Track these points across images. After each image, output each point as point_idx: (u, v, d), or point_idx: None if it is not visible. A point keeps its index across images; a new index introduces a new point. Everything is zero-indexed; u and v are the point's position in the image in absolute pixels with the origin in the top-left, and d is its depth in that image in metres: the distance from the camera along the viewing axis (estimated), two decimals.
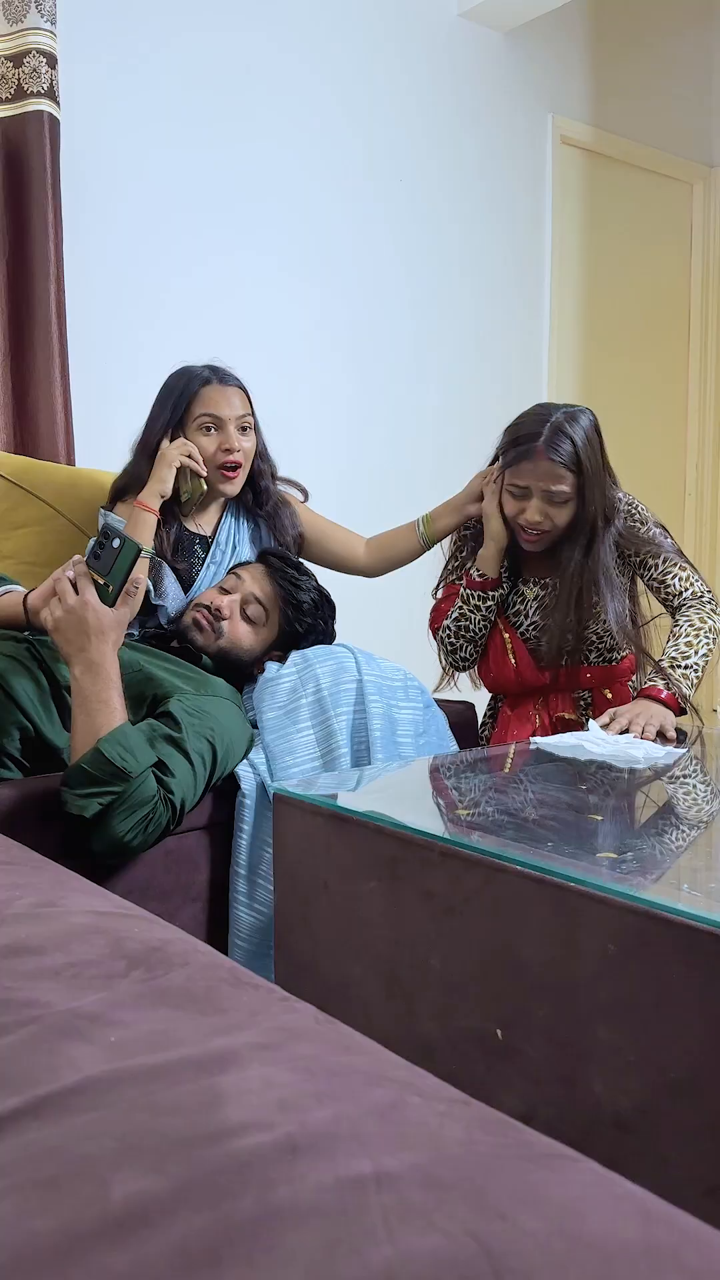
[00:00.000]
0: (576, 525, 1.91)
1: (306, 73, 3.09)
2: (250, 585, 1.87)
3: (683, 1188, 0.95)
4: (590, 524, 1.90)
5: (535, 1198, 0.47)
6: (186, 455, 1.91)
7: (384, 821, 1.27)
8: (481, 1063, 1.13)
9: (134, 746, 1.42)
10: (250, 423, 2.00)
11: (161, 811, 1.43)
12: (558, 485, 1.86)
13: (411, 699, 1.86)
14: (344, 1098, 0.55)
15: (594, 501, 1.88)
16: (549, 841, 1.20)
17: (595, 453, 1.88)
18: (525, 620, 2.05)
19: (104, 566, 1.43)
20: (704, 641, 1.87)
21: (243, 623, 1.85)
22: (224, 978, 0.72)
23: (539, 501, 1.89)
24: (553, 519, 1.90)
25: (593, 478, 1.87)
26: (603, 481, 1.90)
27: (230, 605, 1.85)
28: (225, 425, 1.95)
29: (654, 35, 4.07)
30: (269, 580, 1.89)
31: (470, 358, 3.56)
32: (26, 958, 0.74)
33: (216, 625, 1.83)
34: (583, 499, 1.88)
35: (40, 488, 2.14)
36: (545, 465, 1.85)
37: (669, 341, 4.25)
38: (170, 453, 1.91)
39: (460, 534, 2.15)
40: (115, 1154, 0.49)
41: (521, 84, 3.64)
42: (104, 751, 1.39)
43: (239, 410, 1.97)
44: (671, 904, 0.98)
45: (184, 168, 2.86)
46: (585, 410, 1.92)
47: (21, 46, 2.41)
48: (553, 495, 1.87)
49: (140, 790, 1.40)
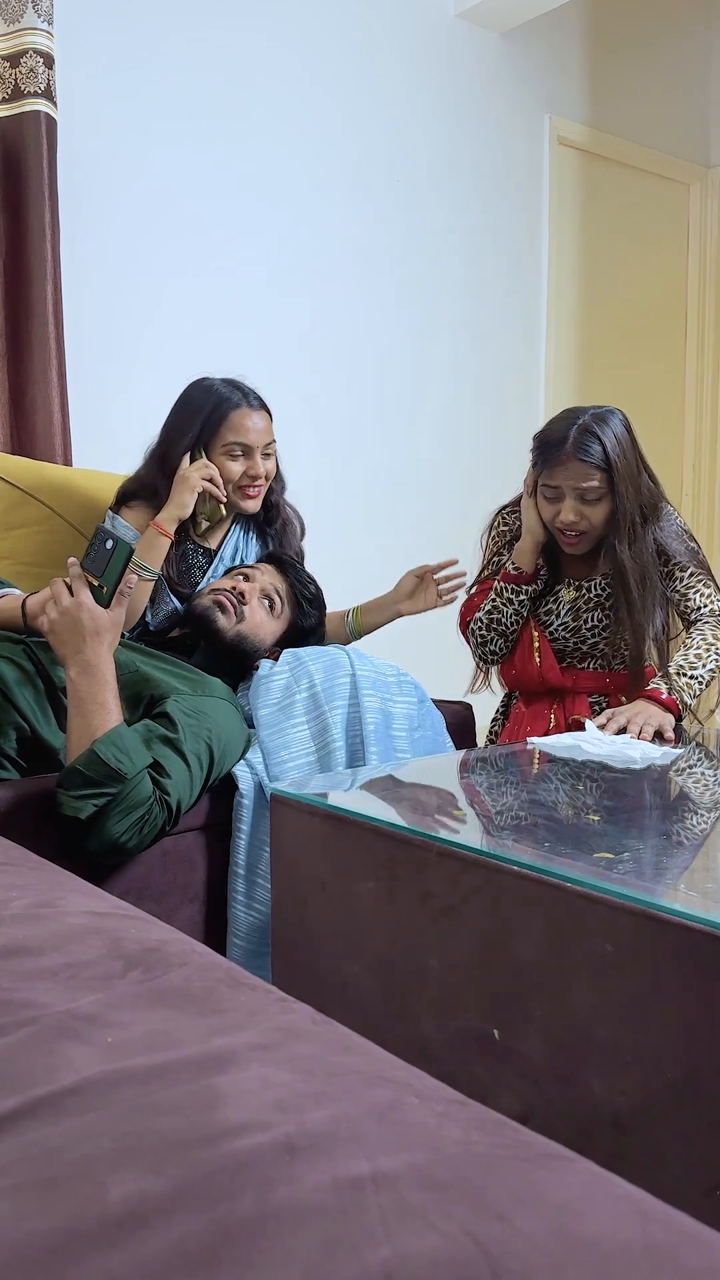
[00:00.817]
0: (616, 522, 1.92)
1: (303, 73, 3.09)
2: (268, 577, 1.89)
3: (681, 1188, 0.95)
4: (629, 520, 1.92)
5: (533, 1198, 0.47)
6: (208, 479, 1.89)
7: (381, 822, 1.27)
8: (479, 1063, 1.13)
9: (129, 748, 1.42)
10: (274, 447, 1.99)
11: (157, 813, 1.43)
12: (588, 483, 1.89)
13: (406, 694, 1.87)
14: (342, 1098, 0.55)
15: (629, 497, 1.90)
16: (546, 841, 1.20)
17: (627, 450, 1.91)
18: (556, 620, 2.07)
19: (98, 568, 1.44)
20: (713, 658, 1.89)
21: (261, 610, 1.86)
22: (222, 978, 0.72)
23: (572, 501, 1.92)
24: (588, 518, 1.93)
25: (624, 473, 1.89)
26: (636, 478, 1.92)
27: (251, 591, 1.85)
28: (254, 452, 1.93)
29: (651, 36, 4.07)
30: (280, 575, 1.91)
31: (466, 360, 3.56)
32: (24, 958, 0.74)
33: (239, 608, 1.83)
34: (615, 494, 1.90)
35: (37, 488, 2.13)
36: (575, 465, 1.89)
37: (666, 342, 4.26)
38: (193, 477, 1.88)
39: (499, 530, 2.17)
40: (113, 1155, 0.49)
41: (518, 85, 3.64)
42: (99, 753, 1.39)
43: (266, 436, 1.95)
44: (669, 904, 0.98)
45: (180, 168, 2.86)
46: (615, 411, 1.95)
47: (18, 46, 2.41)
48: (585, 494, 1.90)
49: (136, 792, 1.40)
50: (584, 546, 1.98)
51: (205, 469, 1.89)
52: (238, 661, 1.85)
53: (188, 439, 1.92)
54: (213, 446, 1.92)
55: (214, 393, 1.93)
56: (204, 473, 1.88)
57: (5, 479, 2.13)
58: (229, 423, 1.91)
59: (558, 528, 1.96)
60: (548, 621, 2.07)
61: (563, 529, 1.95)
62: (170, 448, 1.94)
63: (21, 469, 2.17)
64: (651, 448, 2.05)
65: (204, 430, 1.91)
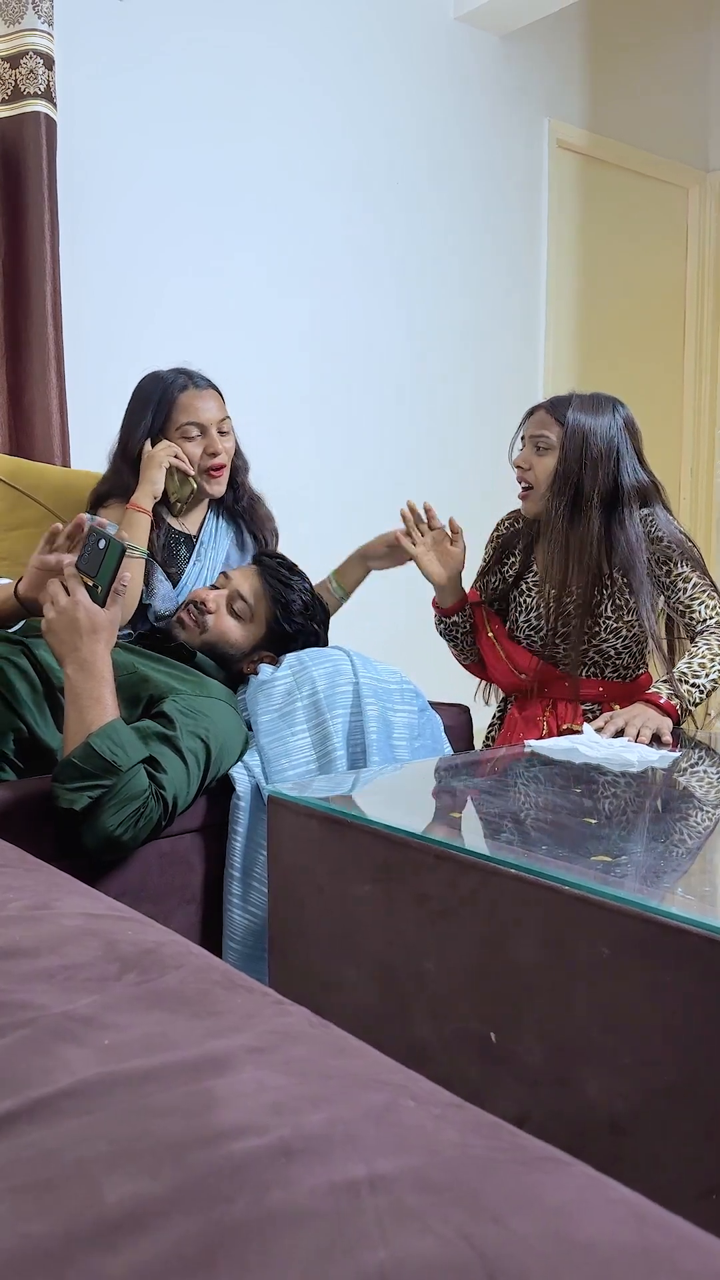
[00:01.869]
0: (559, 480, 1.96)
1: (303, 76, 3.09)
2: (238, 582, 1.88)
3: (677, 1191, 0.95)
4: (572, 482, 1.94)
5: (529, 1201, 0.47)
6: (174, 455, 1.95)
7: (378, 824, 1.27)
8: (476, 1066, 1.13)
9: (125, 741, 1.43)
10: (229, 424, 2.05)
11: (153, 807, 1.44)
12: (541, 431, 1.98)
13: (407, 702, 1.86)
14: (338, 1101, 0.55)
15: (575, 458, 1.94)
16: (543, 845, 1.20)
17: (600, 425, 1.95)
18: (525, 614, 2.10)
19: (92, 567, 1.45)
20: (717, 669, 1.88)
21: (229, 617, 1.86)
22: (218, 980, 0.72)
23: (528, 450, 2.02)
24: (534, 467, 2.00)
25: (576, 434, 1.94)
26: (595, 451, 1.94)
27: (216, 599, 1.86)
28: (208, 430, 2.00)
29: (650, 40, 4.08)
30: (258, 579, 1.90)
31: (465, 362, 3.56)
32: (20, 960, 0.74)
33: (201, 619, 1.85)
34: (564, 453, 1.95)
35: (35, 489, 2.14)
36: (539, 415, 2.01)
37: (664, 345, 4.26)
38: (159, 454, 1.94)
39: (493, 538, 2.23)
40: (109, 1157, 0.49)
41: (518, 88, 3.65)
42: (94, 745, 1.39)
43: (218, 414, 2.02)
44: (665, 908, 0.98)
45: (180, 169, 2.86)
46: (615, 399, 2.02)
47: (18, 47, 2.41)
48: (538, 441, 1.99)
49: (131, 784, 1.41)
50: (532, 505, 2.03)
51: (170, 447, 1.96)
52: (221, 665, 1.86)
53: (143, 428, 1.99)
54: (168, 431, 1.99)
55: (161, 380, 2.01)
56: (169, 450, 1.95)
57: (3, 480, 2.13)
58: (179, 405, 1.98)
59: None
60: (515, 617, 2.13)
61: (518, 479, 2.04)
62: (129, 440, 2.01)
63: (20, 470, 2.17)
64: (649, 451, 2.06)
65: (155, 417, 1.99)
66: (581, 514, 1.95)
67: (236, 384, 3.00)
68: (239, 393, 2.99)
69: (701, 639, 1.93)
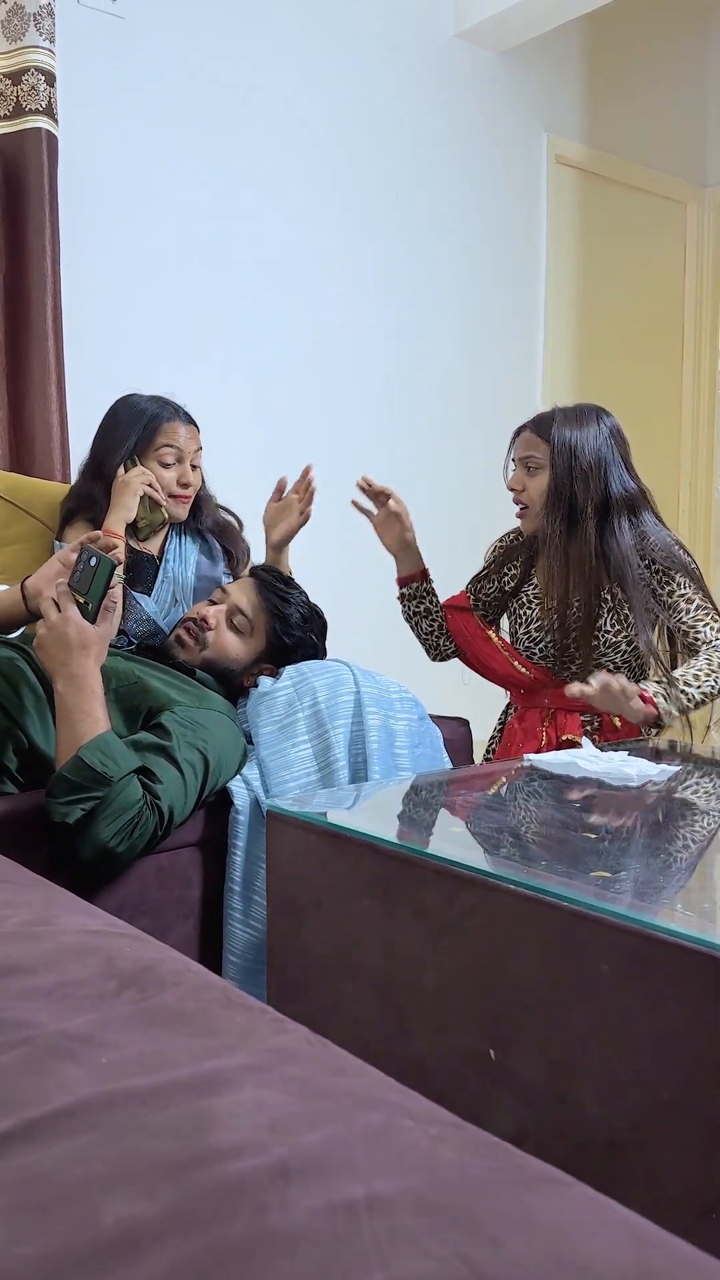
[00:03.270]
0: (552, 496, 1.98)
1: (303, 93, 3.11)
2: (236, 596, 1.88)
3: (676, 1209, 0.94)
4: (565, 498, 1.96)
5: (527, 1223, 0.47)
6: (148, 484, 1.98)
7: (376, 839, 1.27)
8: (474, 1082, 1.13)
9: (115, 752, 1.43)
10: (200, 458, 2.10)
11: (148, 817, 1.44)
12: (529, 451, 2.01)
13: (407, 710, 1.87)
14: (336, 1120, 0.55)
15: (565, 474, 1.95)
16: (542, 860, 1.19)
17: (586, 438, 1.96)
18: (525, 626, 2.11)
19: (83, 585, 1.48)
20: (710, 683, 1.87)
21: (229, 632, 1.86)
22: (216, 998, 0.72)
23: (519, 471, 2.04)
24: (528, 488, 2.02)
25: (564, 450, 1.96)
26: (584, 464, 1.95)
27: (216, 615, 1.86)
28: (184, 459, 2.05)
29: (649, 56, 4.10)
30: (255, 592, 1.90)
31: (464, 376, 3.57)
32: (18, 977, 0.74)
33: (201, 636, 1.84)
34: (554, 470, 1.96)
35: (32, 504, 2.15)
36: (525, 435, 2.03)
37: (663, 360, 4.27)
38: (134, 481, 1.98)
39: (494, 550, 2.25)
40: (106, 1178, 0.49)
41: (517, 104, 3.67)
42: (84, 758, 1.40)
43: (194, 446, 2.08)
44: (665, 924, 0.98)
45: (180, 185, 2.87)
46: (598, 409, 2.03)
47: (20, 64, 2.42)
48: (527, 461, 2.02)
49: (123, 795, 1.41)
50: (530, 523, 2.05)
51: (144, 475, 1.99)
52: (221, 680, 1.86)
53: (123, 451, 2.03)
54: (147, 455, 2.04)
55: (145, 408, 2.06)
56: (144, 478, 1.99)
57: (0, 495, 2.14)
58: (164, 430, 2.04)
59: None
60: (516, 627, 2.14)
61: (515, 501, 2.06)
62: (105, 460, 2.04)
63: (16, 484, 2.18)
64: (648, 465, 2.07)
65: (139, 442, 2.03)
66: (578, 525, 1.97)
67: (234, 400, 3.02)
68: (236, 409, 3.01)
69: (703, 653, 1.93)
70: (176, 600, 2.08)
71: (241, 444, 2.95)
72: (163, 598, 2.06)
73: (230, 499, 2.27)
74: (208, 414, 2.22)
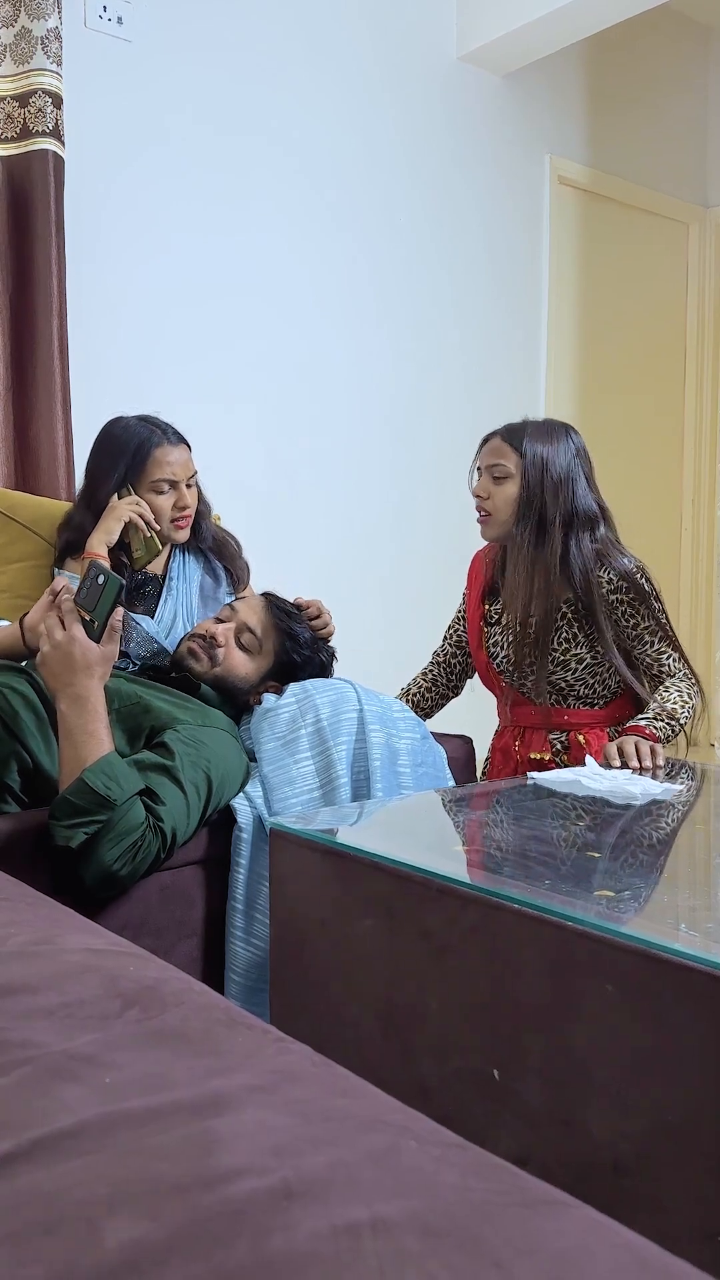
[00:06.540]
0: (523, 507, 2.00)
1: (307, 114, 3.13)
2: (245, 615, 1.88)
3: (681, 1233, 0.94)
4: (536, 508, 1.99)
5: (531, 1246, 0.47)
6: (138, 514, 1.95)
7: (380, 858, 1.26)
8: (478, 1104, 1.12)
9: (119, 775, 1.43)
10: (195, 477, 2.07)
11: (151, 840, 1.43)
12: (497, 460, 2.02)
13: (410, 729, 1.87)
14: (340, 1142, 0.55)
15: (537, 485, 1.99)
16: (546, 879, 1.19)
17: (556, 453, 2.01)
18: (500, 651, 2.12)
19: (89, 603, 1.48)
20: (684, 715, 1.97)
21: (238, 650, 1.86)
22: (219, 1018, 0.72)
23: (485, 479, 2.05)
24: (493, 496, 2.03)
25: (536, 462, 1.99)
26: (554, 477, 1.99)
27: (225, 633, 1.86)
28: (179, 485, 2.01)
29: (650, 78, 4.13)
30: (265, 610, 1.90)
31: (466, 398, 3.58)
32: (21, 997, 0.74)
33: (212, 653, 1.84)
34: (526, 481, 1.99)
35: (36, 522, 2.15)
36: (493, 443, 2.06)
37: (665, 381, 4.29)
38: (121, 509, 1.95)
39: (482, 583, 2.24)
40: (109, 1200, 0.49)
41: (520, 126, 3.70)
42: (87, 780, 1.40)
43: (189, 469, 2.03)
44: (669, 944, 0.98)
45: (185, 206, 2.89)
46: (566, 426, 2.08)
47: (28, 87, 2.44)
48: (494, 470, 2.03)
49: (127, 818, 1.41)
50: (491, 530, 2.07)
51: (136, 505, 1.96)
52: (228, 698, 1.86)
53: (114, 480, 1.99)
54: (140, 484, 2.00)
55: (133, 432, 2.01)
56: (134, 508, 1.95)
57: (3, 512, 2.14)
58: (153, 459, 1.99)
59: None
60: (494, 654, 2.15)
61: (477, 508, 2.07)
62: (96, 490, 2.01)
63: (19, 503, 2.19)
64: (650, 485, 2.08)
65: (129, 471, 1.99)
66: (546, 536, 2.00)
67: (237, 420, 3.03)
68: (238, 428, 3.02)
69: (670, 684, 2.00)
70: (179, 618, 2.07)
71: (240, 465, 2.96)
72: (166, 616, 2.06)
73: (232, 527, 2.28)
74: (210, 436, 2.23)
